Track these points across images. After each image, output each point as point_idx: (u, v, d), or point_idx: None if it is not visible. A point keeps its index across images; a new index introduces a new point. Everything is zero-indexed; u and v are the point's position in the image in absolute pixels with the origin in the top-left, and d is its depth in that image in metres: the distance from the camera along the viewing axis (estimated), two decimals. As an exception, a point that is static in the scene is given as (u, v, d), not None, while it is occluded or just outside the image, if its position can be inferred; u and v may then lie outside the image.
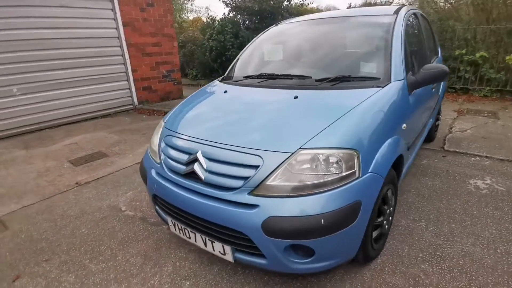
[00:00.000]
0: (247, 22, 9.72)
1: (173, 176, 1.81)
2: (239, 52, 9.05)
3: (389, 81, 1.98)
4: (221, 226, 1.60)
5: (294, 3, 10.45)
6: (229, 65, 9.41)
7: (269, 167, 1.51)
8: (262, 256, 1.56)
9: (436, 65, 2.17)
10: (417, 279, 1.80)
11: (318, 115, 1.76)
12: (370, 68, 2.12)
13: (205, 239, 1.72)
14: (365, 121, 1.68)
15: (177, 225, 1.86)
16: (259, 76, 2.41)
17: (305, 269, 1.57)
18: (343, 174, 1.49)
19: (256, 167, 1.53)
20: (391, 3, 10.60)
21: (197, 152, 1.72)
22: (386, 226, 1.96)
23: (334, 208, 1.43)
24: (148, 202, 2.81)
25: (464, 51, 6.44)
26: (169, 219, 1.92)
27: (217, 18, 9.68)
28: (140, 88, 6.46)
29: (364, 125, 1.66)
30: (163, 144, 1.98)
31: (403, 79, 2.03)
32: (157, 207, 2.08)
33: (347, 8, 13.45)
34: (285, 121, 1.78)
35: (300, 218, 1.41)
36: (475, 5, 6.93)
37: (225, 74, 2.84)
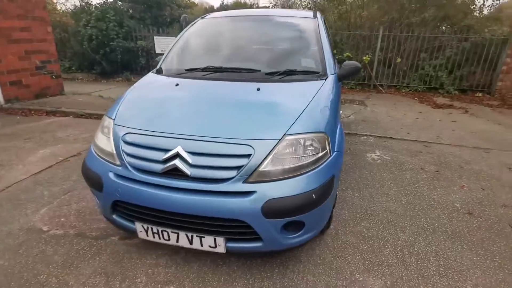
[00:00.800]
0: (130, 11, 8.87)
1: (146, 177, 1.66)
2: (126, 43, 8.22)
3: (326, 74, 2.33)
4: (214, 219, 1.59)
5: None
6: (116, 57, 8.44)
7: (261, 154, 1.60)
8: (257, 239, 1.65)
9: (352, 62, 2.66)
10: (363, 234, 2.25)
11: (287, 105, 1.94)
12: (309, 63, 2.44)
13: (191, 236, 1.67)
14: (326, 109, 1.97)
15: (152, 229, 1.72)
16: (205, 69, 2.39)
17: (295, 243, 1.75)
18: (320, 154, 1.72)
19: (248, 156, 1.59)
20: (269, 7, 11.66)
21: (175, 148, 1.64)
22: (336, 196, 2.34)
23: (320, 183, 1.65)
24: (79, 215, 2.40)
25: (335, 51, 7.80)
26: (138, 225, 1.75)
27: (94, 3, 8.46)
28: (6, 83, 5.10)
29: (326, 112, 1.95)
30: (122, 144, 1.77)
31: (335, 73, 2.43)
32: (115, 216, 1.85)
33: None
34: (259, 111, 1.89)
35: (296, 196, 1.58)
36: (339, 14, 8.47)
37: (158, 67, 2.65)
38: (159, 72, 2.56)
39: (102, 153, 1.85)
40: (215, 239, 1.65)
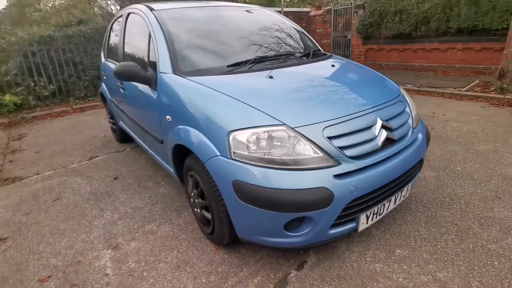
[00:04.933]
0: None
1: (370, 159, 1.63)
2: None
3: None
4: (412, 167, 1.85)
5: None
6: None
7: (408, 107, 2.05)
8: (419, 168, 2.05)
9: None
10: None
11: (367, 71, 2.43)
12: (312, 44, 2.83)
13: (396, 197, 1.83)
14: None
15: (373, 211, 1.72)
16: (254, 61, 2.19)
17: None
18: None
19: (406, 108, 2.00)
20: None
21: (377, 121, 1.72)
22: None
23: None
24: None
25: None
26: (363, 217, 1.67)
27: None
28: None
29: None
30: (327, 140, 1.56)
31: None
32: (331, 231, 1.62)
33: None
34: (369, 78, 2.30)
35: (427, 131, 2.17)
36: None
37: (173, 72, 2.07)
38: (188, 74, 2.03)
39: (300, 164, 1.52)
40: (408, 186, 1.90)
